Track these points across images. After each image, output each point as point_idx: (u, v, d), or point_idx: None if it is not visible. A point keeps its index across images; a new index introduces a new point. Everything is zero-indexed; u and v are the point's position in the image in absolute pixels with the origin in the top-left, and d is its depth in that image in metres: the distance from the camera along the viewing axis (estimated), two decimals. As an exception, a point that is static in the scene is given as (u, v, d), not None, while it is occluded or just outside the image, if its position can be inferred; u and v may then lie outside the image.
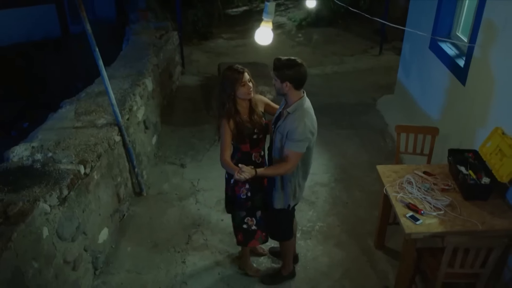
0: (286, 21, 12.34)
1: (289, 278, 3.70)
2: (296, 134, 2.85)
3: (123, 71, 5.45)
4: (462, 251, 2.89)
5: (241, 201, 3.29)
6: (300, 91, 2.92)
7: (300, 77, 2.85)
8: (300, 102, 2.91)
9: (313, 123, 2.96)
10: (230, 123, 3.05)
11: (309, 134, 2.90)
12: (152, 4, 10.13)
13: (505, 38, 3.45)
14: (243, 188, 3.24)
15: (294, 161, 2.92)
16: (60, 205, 3.22)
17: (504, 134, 3.31)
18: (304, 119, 2.87)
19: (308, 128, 2.89)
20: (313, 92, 7.10)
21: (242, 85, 3.03)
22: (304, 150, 2.93)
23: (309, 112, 2.94)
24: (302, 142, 2.89)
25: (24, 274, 2.79)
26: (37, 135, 4.02)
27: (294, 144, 2.88)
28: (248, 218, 3.35)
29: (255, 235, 3.42)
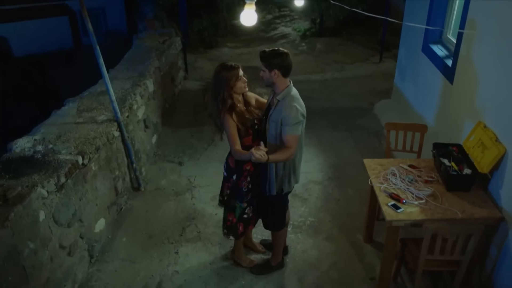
0: (291, 32, 12.56)
1: (278, 268, 3.80)
2: (290, 119, 3.01)
3: (125, 73, 5.66)
4: (441, 237, 2.97)
5: (243, 194, 3.42)
6: (287, 79, 3.11)
7: (287, 65, 3.05)
8: (288, 89, 3.09)
9: (303, 107, 3.12)
10: (233, 116, 3.18)
11: (301, 116, 3.07)
12: (159, 14, 10.41)
13: (485, 37, 3.59)
14: (245, 181, 3.38)
15: (294, 144, 3.07)
16: (57, 191, 3.38)
17: (485, 127, 3.41)
18: (294, 104, 3.05)
19: (300, 111, 3.06)
20: (312, 97, 7.32)
21: (238, 79, 3.18)
22: (299, 133, 3.09)
23: (297, 98, 3.12)
24: (297, 125, 3.06)
25: (20, 253, 2.93)
26: (40, 129, 4.21)
27: (291, 128, 3.03)
28: (248, 208, 3.49)
29: (251, 221, 3.61)
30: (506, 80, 3.19)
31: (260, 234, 4.17)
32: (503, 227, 3.17)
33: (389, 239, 3.26)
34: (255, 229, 4.08)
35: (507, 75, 3.18)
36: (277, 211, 3.51)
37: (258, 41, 11.72)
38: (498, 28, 3.38)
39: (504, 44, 3.26)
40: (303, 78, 8.08)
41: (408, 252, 3.33)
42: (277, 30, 12.92)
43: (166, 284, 3.68)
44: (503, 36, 3.28)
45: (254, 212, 3.57)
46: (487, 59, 3.53)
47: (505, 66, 3.22)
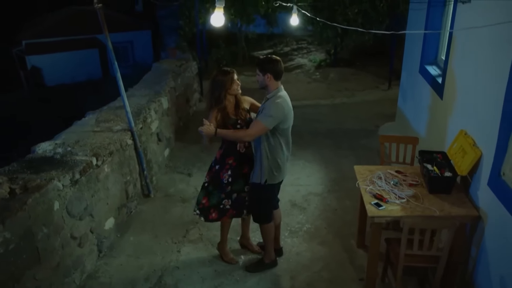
0: (307, 62, 13.06)
1: (271, 266, 4.02)
2: (268, 109, 3.38)
3: (143, 91, 6.13)
4: (418, 232, 3.17)
5: (223, 185, 3.76)
6: (278, 82, 3.48)
7: (278, 69, 3.44)
8: (277, 90, 3.47)
9: (286, 108, 3.44)
10: (217, 113, 3.62)
11: (279, 113, 3.38)
12: (181, 44, 11.07)
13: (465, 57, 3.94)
14: (226, 174, 3.73)
15: (255, 130, 3.40)
16: (72, 186, 3.75)
17: (466, 135, 3.65)
18: (278, 100, 3.40)
19: (281, 107, 3.39)
20: (319, 119, 7.66)
21: (233, 83, 3.63)
22: (270, 126, 3.38)
23: (284, 99, 3.46)
24: (271, 118, 3.37)
25: (35, 235, 3.27)
26: (61, 136, 4.64)
27: (264, 117, 3.38)
28: (226, 200, 3.81)
29: (227, 213, 3.88)
30: (483, 92, 3.46)
31: (259, 238, 4.40)
32: (480, 227, 3.35)
33: (373, 235, 3.47)
34: (254, 233, 4.35)
35: (483, 87, 3.46)
36: (262, 202, 3.77)
37: (274, 71, 12.19)
38: (474, 50, 3.74)
39: (478, 63, 3.62)
40: (312, 102, 8.44)
41: (391, 250, 3.52)
42: (293, 61, 13.44)
43: (166, 277, 3.95)
44: (478, 56, 3.63)
45: (233, 206, 3.83)
46: (468, 75, 3.83)
47: (481, 80, 3.51)
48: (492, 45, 3.35)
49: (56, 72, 20.30)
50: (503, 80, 3.02)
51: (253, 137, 3.45)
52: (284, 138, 3.53)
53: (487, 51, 3.44)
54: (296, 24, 4.86)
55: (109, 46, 4.44)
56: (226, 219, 3.96)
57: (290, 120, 3.52)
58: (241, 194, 3.83)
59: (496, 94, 3.14)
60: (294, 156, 6.26)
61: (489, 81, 3.36)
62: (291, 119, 3.52)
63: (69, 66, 20.25)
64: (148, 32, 22.15)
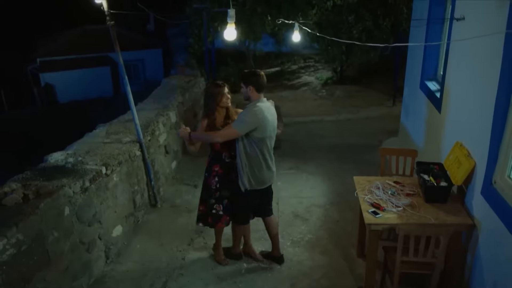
0: (314, 80, 13.27)
1: (235, 258, 4.35)
2: (241, 115, 3.65)
3: (152, 106, 6.35)
4: (414, 238, 3.27)
5: (211, 191, 4.01)
6: (260, 94, 3.70)
7: (260, 82, 3.68)
8: (257, 101, 3.69)
9: (261, 116, 3.62)
10: (206, 122, 3.91)
11: (251, 119, 3.59)
12: (190, 62, 11.36)
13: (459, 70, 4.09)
14: (213, 180, 3.99)
15: (225, 132, 3.67)
16: (82, 193, 3.92)
17: (461, 146, 3.78)
18: (254, 108, 3.63)
19: (254, 115, 3.60)
20: (323, 135, 7.82)
21: (223, 95, 3.90)
22: (241, 131, 3.61)
23: (261, 108, 3.65)
24: (243, 123, 3.60)
25: (45, 238, 3.43)
26: (72, 146, 4.84)
27: (236, 122, 3.65)
28: (217, 205, 4.02)
29: (221, 219, 4.07)
30: (475, 105, 3.61)
31: (261, 246, 4.53)
32: (475, 235, 3.45)
33: (371, 242, 3.58)
34: (258, 241, 4.48)
35: (475, 101, 3.61)
36: (240, 206, 4.02)
37: (281, 88, 12.46)
38: (467, 66, 3.92)
39: (471, 78, 3.80)
40: (317, 118, 8.60)
41: (389, 257, 3.62)
42: (300, 79, 13.67)
43: (171, 283, 4.07)
44: (471, 71, 3.81)
45: (225, 212, 4.05)
46: (462, 89, 3.99)
47: (474, 94, 3.68)
48: (482, 60, 3.51)
49: (69, 89, 20.77)
50: (492, 94, 3.17)
51: (223, 138, 3.70)
52: (260, 148, 3.72)
53: (479, 66, 3.60)
54: (298, 41, 5.06)
55: (120, 61, 4.66)
56: (222, 226, 4.14)
57: (266, 131, 3.69)
58: (231, 200, 4.06)
59: (487, 107, 3.27)
60: (298, 169, 6.44)
61: (480, 95, 3.50)
62: (267, 130, 3.69)
63: (81, 83, 20.72)
64: (159, 51, 22.65)
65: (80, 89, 20.64)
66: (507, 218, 2.95)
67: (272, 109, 3.83)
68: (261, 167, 3.79)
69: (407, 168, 4.67)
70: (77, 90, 20.65)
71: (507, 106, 2.99)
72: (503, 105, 3.03)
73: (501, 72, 3.06)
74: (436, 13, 5.12)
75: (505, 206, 2.98)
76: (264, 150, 3.76)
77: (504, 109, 3.02)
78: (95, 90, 20.80)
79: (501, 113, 3.05)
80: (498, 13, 3.12)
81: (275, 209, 5.20)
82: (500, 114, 3.07)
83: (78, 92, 20.57)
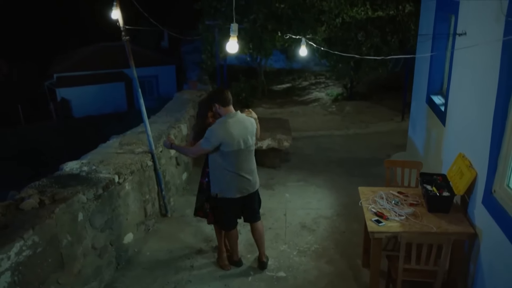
0: (324, 96, 13.42)
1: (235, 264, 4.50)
2: (207, 132, 3.85)
3: (164, 119, 6.53)
4: (415, 246, 3.35)
5: (202, 189, 4.39)
6: (227, 108, 3.87)
7: (224, 96, 3.85)
8: (226, 116, 3.86)
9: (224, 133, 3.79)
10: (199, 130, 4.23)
11: (214, 137, 3.80)
12: (203, 77, 11.61)
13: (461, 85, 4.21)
14: (204, 181, 4.35)
15: (195, 149, 4.05)
16: (95, 200, 4.08)
17: (464, 157, 3.86)
18: (218, 126, 3.83)
19: (216, 133, 3.80)
20: (332, 148, 7.92)
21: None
22: (207, 148, 3.86)
23: (226, 125, 3.81)
24: (207, 141, 3.83)
25: (60, 242, 3.58)
26: (87, 156, 5.01)
27: (203, 139, 3.88)
28: (206, 203, 4.37)
29: (209, 216, 4.41)
30: (476, 117, 3.71)
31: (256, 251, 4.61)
32: (476, 244, 3.51)
33: (374, 250, 3.66)
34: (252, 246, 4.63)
35: (476, 113, 3.71)
36: (217, 213, 4.28)
37: (292, 104, 12.62)
38: (468, 81, 4.05)
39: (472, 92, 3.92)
40: (326, 133, 8.72)
41: (392, 266, 3.69)
42: (311, 95, 13.83)
43: (179, 290, 4.18)
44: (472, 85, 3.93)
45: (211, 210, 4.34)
46: (464, 103, 4.09)
47: (475, 107, 3.78)
48: (482, 74, 3.64)
49: (84, 104, 21.22)
50: (491, 106, 3.28)
51: (195, 155, 4.29)
52: (231, 160, 3.88)
53: (478, 80, 3.72)
54: (305, 55, 5.20)
55: (134, 74, 4.86)
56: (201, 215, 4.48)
57: (233, 145, 3.83)
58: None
59: (486, 119, 3.37)
60: (306, 182, 6.54)
61: (480, 107, 3.61)
62: (233, 144, 3.83)
63: (96, 98, 21.17)
64: (172, 67, 23.08)
65: (95, 104, 21.08)
66: (506, 227, 3.02)
67: (245, 121, 3.96)
68: (234, 178, 3.96)
69: (412, 179, 4.74)
70: (92, 105, 21.08)
71: (505, 117, 3.09)
72: (501, 116, 3.13)
73: (499, 85, 3.17)
74: (440, 29, 5.26)
75: (504, 215, 3.05)
76: (236, 162, 3.92)
77: (502, 119, 3.12)
78: (110, 105, 21.22)
79: (499, 124, 3.15)
80: (496, 27, 3.25)
81: (282, 220, 5.34)
82: (498, 125, 3.16)
83: (93, 107, 21.00)
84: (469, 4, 4.10)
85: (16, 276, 3.08)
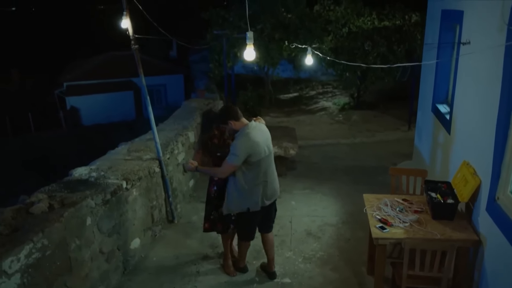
0: (331, 105, 13.47)
1: (241, 271, 4.52)
2: (233, 148, 3.77)
3: (172, 126, 6.61)
4: (419, 252, 3.37)
5: (210, 199, 4.39)
6: (241, 121, 3.85)
7: (234, 112, 3.84)
8: (243, 128, 3.83)
9: (250, 144, 3.76)
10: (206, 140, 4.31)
11: (242, 152, 3.73)
12: (211, 86, 11.73)
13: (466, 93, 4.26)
14: (213, 189, 4.34)
15: (225, 169, 3.84)
16: (103, 205, 4.15)
17: (468, 165, 3.88)
18: (242, 139, 3.76)
19: (242, 145, 3.74)
20: (338, 157, 7.96)
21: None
22: (237, 163, 3.75)
23: (249, 136, 3.78)
24: (235, 156, 3.74)
25: (68, 245, 3.65)
26: (96, 162, 5.10)
27: (230, 156, 3.77)
28: (214, 211, 4.36)
29: (216, 225, 4.40)
30: (480, 125, 3.75)
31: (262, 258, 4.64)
32: (481, 251, 3.52)
33: (378, 256, 3.68)
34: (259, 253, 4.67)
35: (480, 121, 3.75)
36: (239, 226, 4.24)
37: (299, 113, 12.68)
38: (473, 89, 4.10)
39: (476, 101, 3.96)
40: (333, 141, 8.76)
41: (396, 272, 3.71)
42: (318, 104, 13.89)
43: (185, 294, 4.22)
44: (476, 94, 3.98)
45: (220, 220, 4.32)
46: (469, 111, 4.13)
47: (479, 115, 3.81)
48: (485, 83, 3.68)
49: (93, 113, 21.44)
50: (494, 114, 3.31)
51: (225, 175, 3.91)
52: (256, 169, 3.85)
53: (482, 89, 3.77)
54: (311, 64, 5.28)
55: (142, 81, 4.94)
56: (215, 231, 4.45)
57: (261, 153, 3.83)
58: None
59: (490, 126, 3.40)
60: (312, 190, 6.57)
61: (484, 115, 3.64)
62: (261, 153, 3.82)
63: (105, 107, 21.38)
64: (180, 76, 23.28)
65: (104, 112, 21.27)
66: (509, 234, 3.03)
67: (262, 128, 3.97)
68: (263, 186, 3.96)
69: (417, 187, 4.76)
70: (100, 113, 21.28)
71: (508, 124, 3.13)
72: (503, 123, 3.17)
73: (501, 94, 3.21)
74: (445, 38, 5.30)
75: (507, 222, 3.07)
76: (263, 169, 3.91)
77: (505, 127, 3.15)
78: (118, 114, 21.40)
79: (502, 131, 3.18)
80: (499, 36, 3.29)
81: (288, 228, 5.37)
82: (501, 132, 3.20)
83: (102, 116, 21.20)
84: (473, 14, 4.15)
85: (26, 278, 3.14)
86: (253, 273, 4.53)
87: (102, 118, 21.16)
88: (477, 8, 4.05)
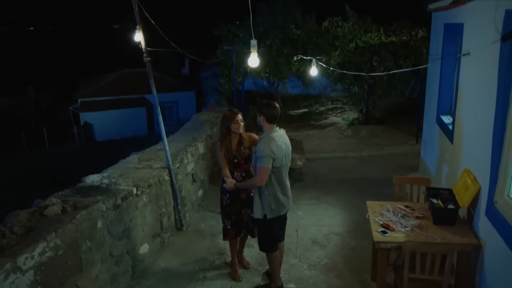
0: (340, 121, 13.58)
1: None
2: (259, 152, 3.81)
3: (181, 138, 6.80)
4: (420, 256, 3.44)
5: (223, 206, 4.49)
6: (271, 125, 3.90)
7: (272, 113, 3.84)
8: (269, 132, 3.89)
9: (274, 146, 3.78)
10: (222, 148, 4.27)
11: (269, 152, 3.76)
12: (221, 101, 11.95)
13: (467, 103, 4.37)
14: (225, 197, 4.44)
15: (261, 174, 3.79)
16: (114, 209, 4.30)
17: (469, 172, 3.97)
18: (267, 141, 3.81)
19: (269, 147, 3.77)
20: (346, 169, 8.05)
21: (234, 122, 4.23)
22: (268, 165, 3.77)
23: (274, 139, 3.83)
24: (265, 158, 3.76)
25: (79, 246, 3.79)
26: (107, 170, 5.28)
27: (260, 160, 3.80)
28: (226, 219, 4.49)
29: (229, 233, 4.51)
30: (479, 133, 3.84)
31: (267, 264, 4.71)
32: (481, 255, 3.57)
33: (380, 260, 3.75)
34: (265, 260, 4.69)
35: (479, 130, 3.85)
36: (263, 234, 4.17)
37: (308, 127, 12.81)
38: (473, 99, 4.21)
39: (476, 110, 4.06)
40: (341, 155, 8.86)
41: (397, 276, 3.77)
42: (327, 119, 14.01)
43: (191, 299, 4.32)
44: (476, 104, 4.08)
45: (233, 226, 4.47)
46: (469, 120, 4.24)
47: (478, 124, 3.92)
48: (483, 93, 3.78)
49: (106, 128, 21.85)
50: (491, 123, 3.42)
51: (264, 180, 3.83)
52: (275, 176, 3.90)
53: (480, 98, 3.86)
54: (315, 75, 5.43)
55: (153, 93, 5.14)
56: (228, 239, 4.55)
57: (283, 159, 3.89)
58: (240, 216, 4.45)
59: (487, 134, 3.50)
60: (318, 200, 6.66)
61: (482, 123, 3.74)
62: (281, 159, 3.87)
63: (118, 122, 21.79)
64: (192, 93, 23.67)
65: (117, 128, 21.66)
66: (507, 236, 3.10)
67: (285, 138, 4.02)
68: (278, 194, 3.97)
69: (421, 196, 4.83)
70: (113, 129, 21.67)
71: (503, 129, 3.23)
72: (499, 129, 3.27)
73: (496, 103, 3.32)
74: (448, 51, 5.43)
75: (505, 224, 3.14)
76: (278, 178, 3.95)
77: (501, 132, 3.26)
78: (131, 129, 21.77)
79: (498, 136, 3.28)
80: (494, 46, 3.42)
81: (293, 236, 5.45)
82: (497, 137, 3.30)
83: (115, 131, 21.57)
84: (472, 26, 4.29)
85: (39, 275, 3.28)
86: (259, 278, 4.62)
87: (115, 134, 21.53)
88: (475, 20, 4.19)
